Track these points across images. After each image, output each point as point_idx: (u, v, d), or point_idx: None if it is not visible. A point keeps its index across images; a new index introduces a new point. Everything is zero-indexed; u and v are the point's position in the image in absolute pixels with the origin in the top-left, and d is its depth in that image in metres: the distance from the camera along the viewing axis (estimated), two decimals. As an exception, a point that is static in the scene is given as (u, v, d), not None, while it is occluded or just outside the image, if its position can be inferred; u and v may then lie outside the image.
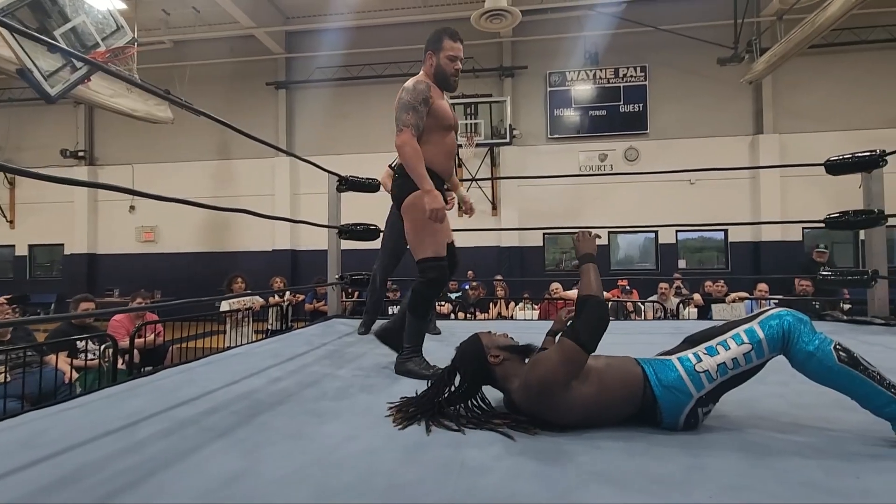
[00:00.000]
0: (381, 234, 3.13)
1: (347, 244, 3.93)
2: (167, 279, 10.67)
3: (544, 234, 10.21)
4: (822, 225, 3.25)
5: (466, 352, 1.40)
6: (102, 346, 3.56)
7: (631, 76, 9.90)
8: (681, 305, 5.62)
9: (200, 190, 10.90)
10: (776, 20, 7.76)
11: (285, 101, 11.22)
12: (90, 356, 3.57)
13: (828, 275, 3.58)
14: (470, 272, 8.87)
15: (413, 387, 1.66)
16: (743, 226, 9.07)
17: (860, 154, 3.08)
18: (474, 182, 10.23)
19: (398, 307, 2.75)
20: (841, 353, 1.15)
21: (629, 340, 2.65)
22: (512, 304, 6.26)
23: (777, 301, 5.78)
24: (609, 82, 9.99)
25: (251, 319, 4.96)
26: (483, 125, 9.71)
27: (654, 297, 6.11)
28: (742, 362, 1.21)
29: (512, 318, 5.92)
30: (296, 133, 11.30)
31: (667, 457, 1.12)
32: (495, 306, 6.15)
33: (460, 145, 9.64)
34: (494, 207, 10.38)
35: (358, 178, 3.64)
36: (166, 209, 11.02)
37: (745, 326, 1.24)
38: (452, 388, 1.40)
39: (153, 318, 4.27)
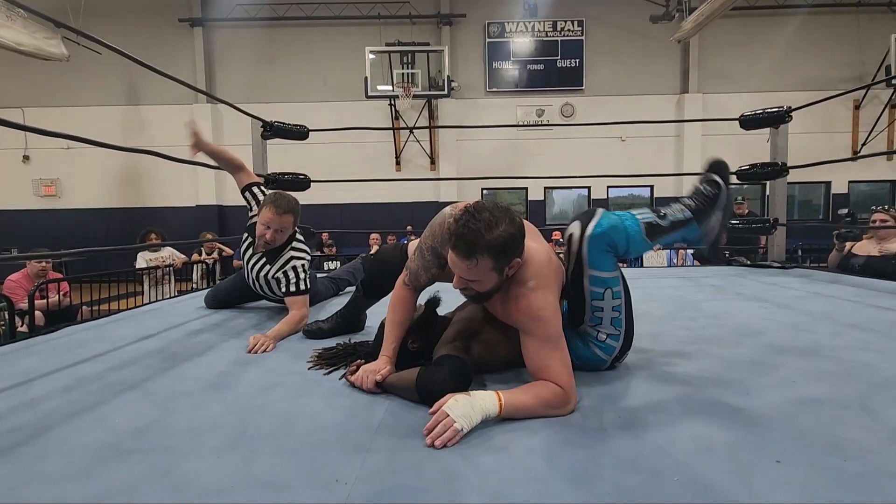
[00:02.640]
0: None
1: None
2: (75, 238, 9.73)
3: (483, 188, 10.28)
4: (735, 177, 3.48)
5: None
6: (-3, 308, 3.22)
7: (569, 30, 9.90)
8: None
9: (105, 138, 9.82)
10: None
11: (202, 41, 10.23)
12: (-18, 319, 3.22)
13: (736, 223, 3.89)
14: (409, 226, 8.83)
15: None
16: (668, 180, 9.59)
17: (770, 110, 3.29)
18: (412, 134, 10.02)
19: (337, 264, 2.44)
20: (646, 228, 1.23)
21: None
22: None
23: (693, 250, 6.25)
24: (547, 35, 9.95)
25: (172, 278, 4.66)
26: (420, 76, 9.41)
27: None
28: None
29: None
30: (216, 78, 10.41)
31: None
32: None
33: (395, 96, 9.32)
34: (433, 161, 10.27)
35: (285, 124, 3.41)
36: (69, 159, 9.93)
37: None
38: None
39: (56, 276, 3.89)
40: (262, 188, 2.23)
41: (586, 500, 0.73)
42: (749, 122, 3.33)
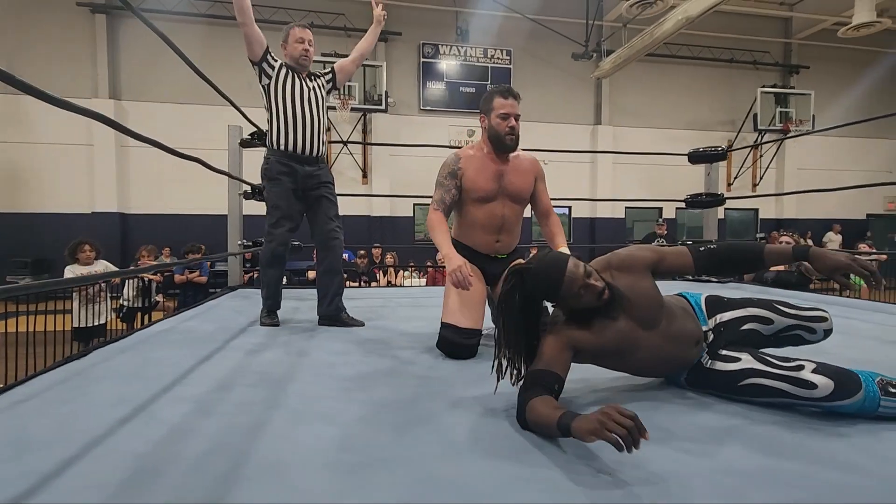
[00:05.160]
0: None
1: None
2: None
3: (415, 204, 10.39)
4: (681, 202, 3.99)
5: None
6: None
7: (498, 58, 10.48)
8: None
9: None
10: (622, 27, 8.97)
11: (106, 29, 9.18)
12: None
13: (661, 245, 4.47)
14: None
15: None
16: (583, 202, 10.49)
17: (711, 149, 3.84)
18: (345, 147, 9.86)
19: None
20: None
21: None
22: (401, 272, 6.32)
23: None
24: (479, 61, 10.44)
25: (108, 295, 4.13)
26: (357, 89, 9.35)
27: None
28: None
29: (400, 285, 5.99)
30: (121, 72, 9.37)
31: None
32: (385, 275, 6.14)
33: (332, 107, 9.15)
34: (365, 175, 10.17)
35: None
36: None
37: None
38: None
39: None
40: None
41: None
42: (695, 158, 3.86)
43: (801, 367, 1.13)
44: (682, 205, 4.05)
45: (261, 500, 0.76)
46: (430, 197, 1.90)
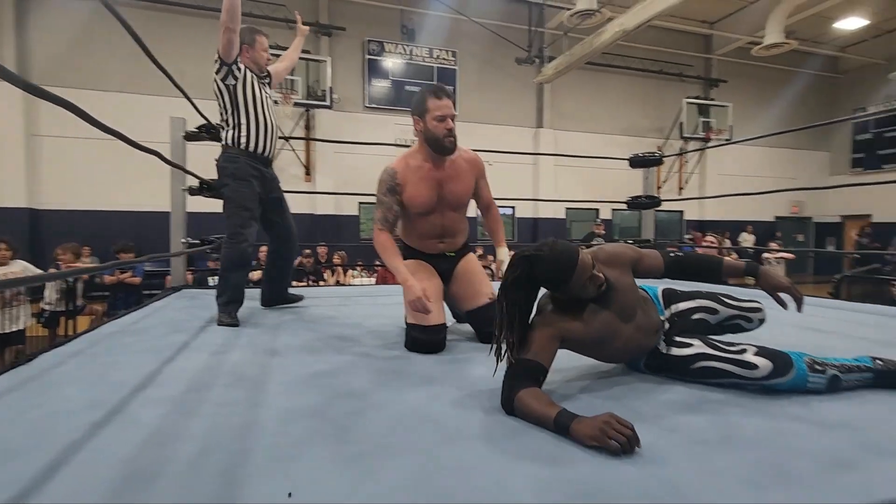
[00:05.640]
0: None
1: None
2: None
3: (360, 202, 10.26)
4: (623, 204, 4.26)
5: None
6: None
7: (443, 59, 10.58)
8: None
9: None
10: (562, 35, 9.36)
11: (13, 5, 8.32)
12: None
13: (600, 244, 4.76)
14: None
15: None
16: (526, 202, 10.83)
17: (650, 155, 4.13)
18: (287, 143, 9.55)
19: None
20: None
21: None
22: (349, 271, 6.24)
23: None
24: (424, 61, 10.48)
25: (27, 299, 3.77)
26: (300, 83, 9.10)
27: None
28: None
29: (349, 285, 5.92)
30: (32, 54, 8.54)
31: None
32: (333, 274, 6.03)
33: (275, 101, 8.84)
34: (308, 173, 9.92)
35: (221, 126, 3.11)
36: None
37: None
38: None
39: None
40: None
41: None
42: (636, 163, 4.13)
43: (744, 351, 1.28)
44: (618, 206, 4.31)
45: (273, 495, 0.76)
46: (372, 195, 1.92)
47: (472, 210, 2.09)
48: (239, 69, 2.25)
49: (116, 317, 2.35)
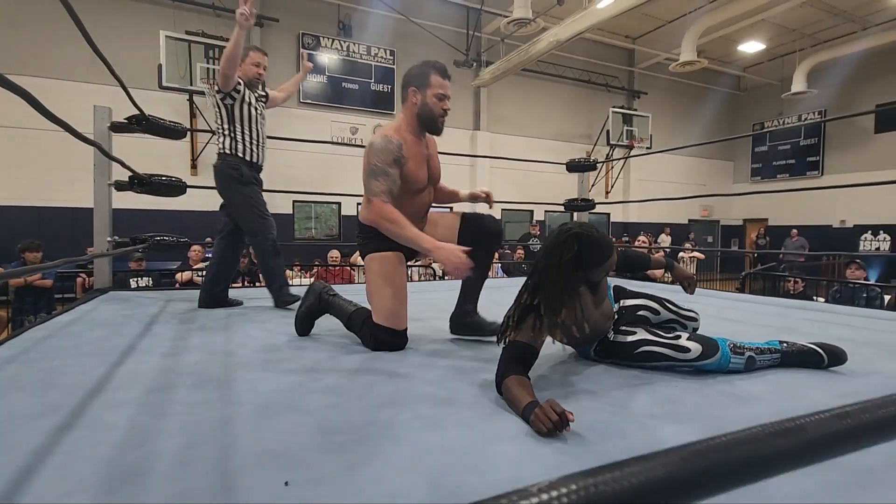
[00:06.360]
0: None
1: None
2: None
3: (294, 200, 9.96)
4: (559, 206, 4.50)
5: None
6: None
7: (381, 57, 10.52)
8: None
9: None
10: (500, 41, 9.64)
11: None
12: None
13: (536, 244, 5.02)
14: (209, 238, 7.97)
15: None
16: (464, 205, 11.00)
17: (585, 160, 4.40)
18: (214, 137, 9.07)
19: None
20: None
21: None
22: (287, 271, 6.05)
23: (500, 264, 7.46)
24: (362, 58, 10.36)
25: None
26: (230, 74, 8.66)
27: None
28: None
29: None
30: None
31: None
32: (270, 274, 5.82)
33: (201, 93, 8.37)
34: (239, 169, 9.46)
35: (158, 118, 2.94)
36: None
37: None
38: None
39: None
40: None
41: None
42: (572, 168, 4.39)
43: (678, 337, 1.46)
44: (550, 208, 4.57)
45: (269, 484, 0.79)
46: (313, 193, 1.89)
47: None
48: (237, 91, 2.50)
49: (39, 322, 2.16)
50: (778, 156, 14.07)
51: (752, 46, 12.01)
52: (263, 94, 2.74)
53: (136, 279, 5.10)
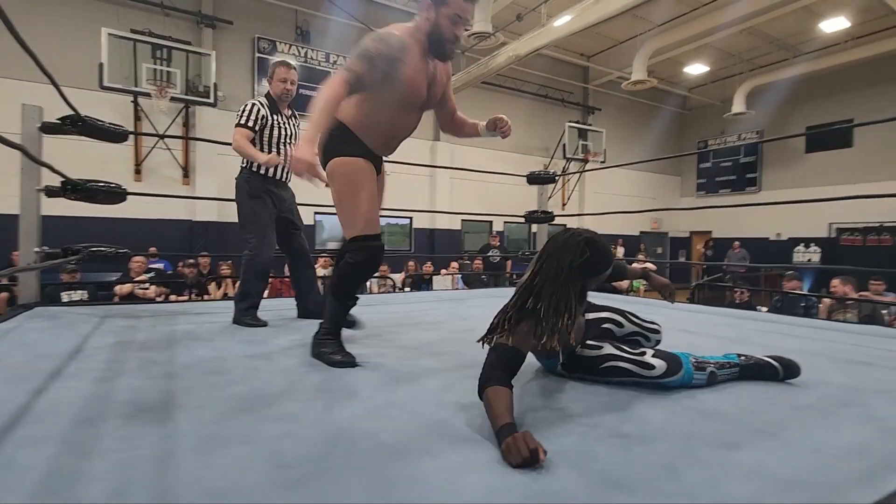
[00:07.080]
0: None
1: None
2: None
3: (248, 209, 9.60)
4: (521, 218, 4.53)
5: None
6: None
7: (341, 65, 10.36)
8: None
9: None
10: (461, 54, 9.73)
11: None
12: None
13: (496, 255, 5.06)
14: (152, 248, 7.56)
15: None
16: (423, 215, 10.99)
17: (545, 173, 4.46)
18: (162, 141, 8.64)
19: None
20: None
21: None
22: (237, 283, 5.78)
23: (461, 275, 7.46)
24: (320, 65, 10.18)
25: None
26: (179, 76, 8.29)
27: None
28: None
29: (240, 298, 5.51)
30: None
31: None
32: (220, 287, 5.55)
33: (146, 94, 7.95)
34: (186, 175, 9.04)
35: (96, 119, 2.73)
36: None
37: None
38: None
39: None
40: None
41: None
42: (533, 180, 4.44)
43: (644, 353, 1.45)
44: (509, 219, 4.62)
45: (212, 532, 0.69)
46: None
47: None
48: (256, 123, 2.51)
49: (-50, 341, 1.92)
50: (720, 172, 14.88)
51: (697, 69, 12.70)
52: (289, 113, 2.69)
53: (68, 292, 4.71)
